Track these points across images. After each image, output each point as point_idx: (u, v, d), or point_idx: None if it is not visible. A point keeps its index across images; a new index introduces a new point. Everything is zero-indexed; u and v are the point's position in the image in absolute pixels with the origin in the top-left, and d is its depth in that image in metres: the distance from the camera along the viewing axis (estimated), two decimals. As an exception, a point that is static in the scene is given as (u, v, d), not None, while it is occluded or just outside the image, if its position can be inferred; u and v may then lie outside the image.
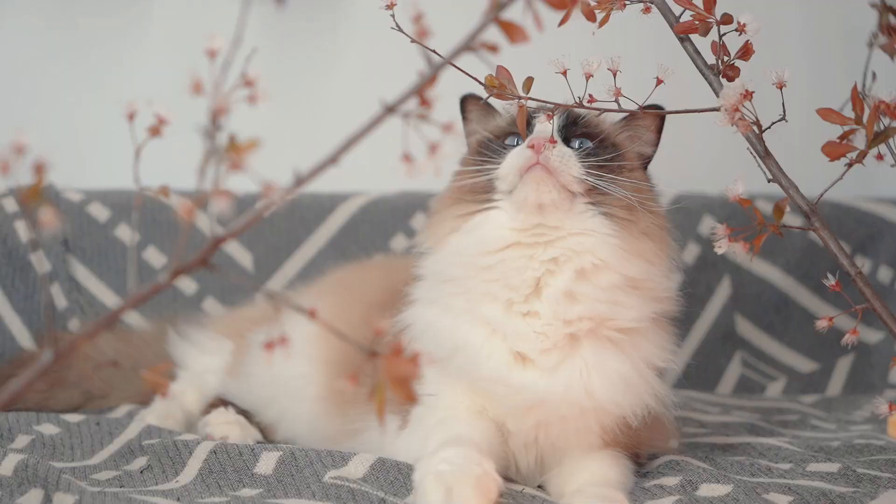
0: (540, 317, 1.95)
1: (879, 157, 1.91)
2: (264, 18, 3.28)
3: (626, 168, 2.01)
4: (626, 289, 1.96)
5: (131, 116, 1.30)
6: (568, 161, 1.94)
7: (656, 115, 2.06)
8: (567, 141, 2.00)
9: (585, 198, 1.95)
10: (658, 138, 2.10)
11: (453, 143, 1.18)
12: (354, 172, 2.79)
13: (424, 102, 1.18)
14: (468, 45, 1.18)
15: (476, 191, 2.00)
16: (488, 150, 2.02)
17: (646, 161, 2.10)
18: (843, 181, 1.94)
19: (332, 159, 1.17)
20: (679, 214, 3.18)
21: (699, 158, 3.31)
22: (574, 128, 2.02)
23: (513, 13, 1.18)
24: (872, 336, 3.13)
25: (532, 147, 1.93)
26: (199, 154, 1.26)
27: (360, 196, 3.22)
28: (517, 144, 1.99)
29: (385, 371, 1.14)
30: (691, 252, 3.18)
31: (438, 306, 2.02)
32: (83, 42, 3.26)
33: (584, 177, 1.94)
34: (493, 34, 1.18)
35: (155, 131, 1.28)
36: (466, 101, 2.13)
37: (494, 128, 2.07)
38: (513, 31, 1.18)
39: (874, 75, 1.92)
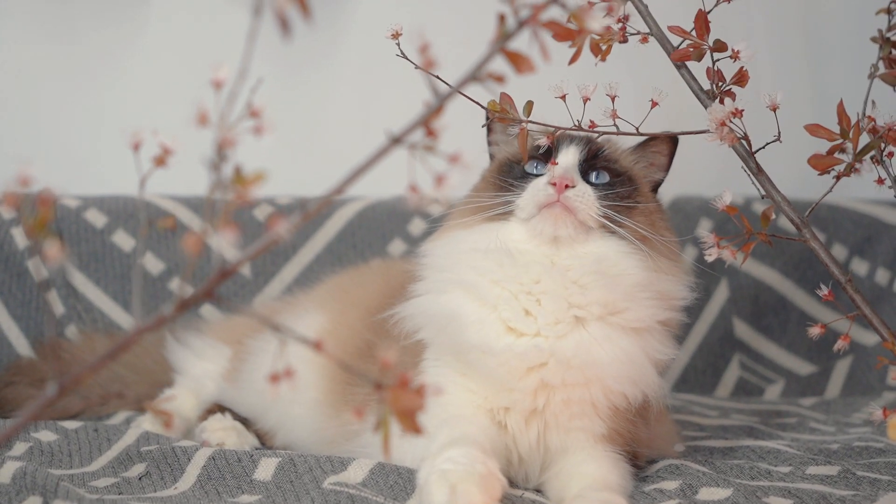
0: (543, 305, 1.98)
1: (880, 181, 2.01)
2: (261, 41, 3.28)
3: (641, 201, 2.07)
4: (643, 290, 2.01)
5: (136, 147, 1.29)
6: (587, 200, 2.00)
7: (670, 142, 2.14)
8: (585, 173, 2.05)
9: (601, 230, 2.01)
10: (669, 164, 2.17)
11: (460, 173, 1.18)
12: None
13: (431, 133, 1.18)
14: (475, 76, 1.18)
15: (493, 214, 2.05)
16: (509, 174, 2.08)
17: (657, 185, 2.17)
18: (840, 183, 1.99)
19: (338, 190, 1.17)
20: (677, 217, 3.19)
21: (696, 162, 3.31)
22: (594, 161, 2.07)
23: (518, 43, 1.18)
24: (870, 338, 3.13)
25: (554, 185, 1.98)
26: (194, 162, 1.25)
27: (357, 201, 3.22)
28: (537, 171, 2.05)
29: (391, 403, 1.14)
30: (689, 255, 3.18)
31: (435, 292, 2.06)
32: (83, 51, 3.27)
33: (602, 215, 1.99)
34: (499, 64, 1.18)
35: (160, 161, 1.27)
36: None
37: (516, 152, 2.11)
38: (519, 62, 1.18)
39: (874, 103, 1.98)
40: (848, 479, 2.06)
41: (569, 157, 2.05)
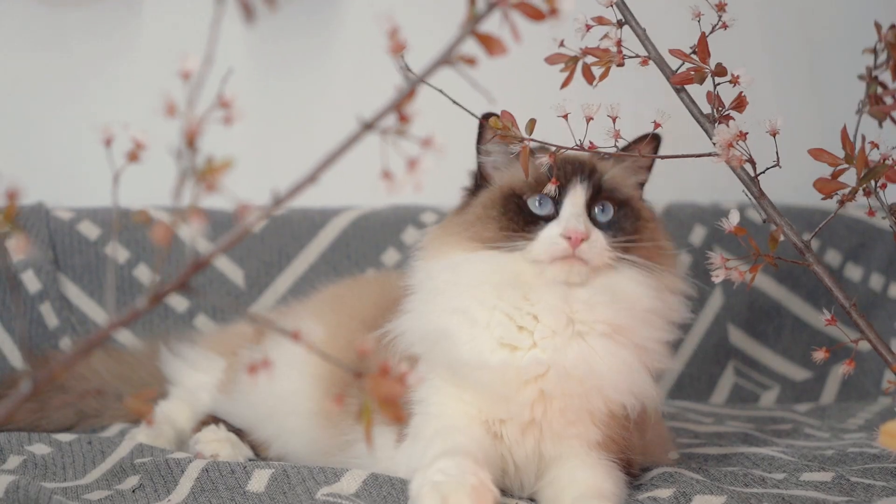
0: (540, 320, 1.97)
1: (871, 212, 2.03)
2: (255, 38, 3.28)
3: (643, 225, 2.05)
4: (655, 314, 2.02)
5: (108, 142, 1.29)
6: (599, 247, 1.97)
7: (651, 145, 2.08)
8: (590, 209, 2.00)
9: (610, 263, 1.99)
10: (653, 163, 2.13)
11: (433, 158, 1.18)
12: (346, 186, 2.80)
13: (403, 118, 1.17)
14: (445, 59, 1.18)
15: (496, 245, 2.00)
16: (516, 213, 2.00)
17: (641, 185, 2.14)
18: (835, 189, 1.98)
19: (311, 178, 1.16)
20: (671, 225, 3.19)
21: (689, 168, 3.31)
22: (598, 195, 2.02)
23: (490, 25, 1.18)
24: (865, 344, 3.12)
25: (568, 238, 1.94)
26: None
27: (350, 210, 3.21)
28: (543, 210, 1.99)
29: (372, 391, 1.13)
30: (682, 261, 3.18)
31: (427, 312, 2.03)
32: (74, 61, 3.26)
33: (614, 256, 1.98)
34: (471, 47, 1.18)
35: (133, 157, 1.27)
36: (486, 120, 1.98)
37: (519, 182, 2.02)
38: (490, 44, 1.18)
39: (864, 138, 1.97)
40: (842, 485, 2.06)
41: (577, 201, 1.98)
